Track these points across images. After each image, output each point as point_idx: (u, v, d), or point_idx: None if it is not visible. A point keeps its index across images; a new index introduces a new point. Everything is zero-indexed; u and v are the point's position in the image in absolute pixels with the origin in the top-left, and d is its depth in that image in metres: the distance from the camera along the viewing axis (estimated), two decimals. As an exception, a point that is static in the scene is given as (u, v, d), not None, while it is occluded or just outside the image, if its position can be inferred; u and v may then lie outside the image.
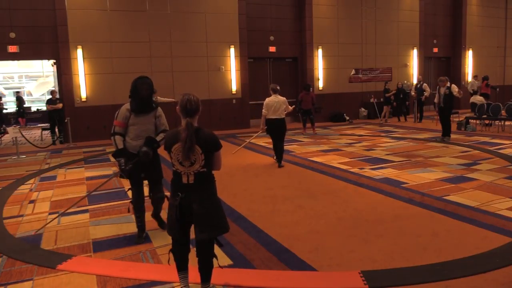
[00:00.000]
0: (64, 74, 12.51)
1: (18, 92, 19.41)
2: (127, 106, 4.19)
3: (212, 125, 14.14)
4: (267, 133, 8.11)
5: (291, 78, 16.30)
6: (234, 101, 14.52)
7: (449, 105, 10.30)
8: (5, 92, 28.33)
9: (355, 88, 16.85)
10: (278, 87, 8.16)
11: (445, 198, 5.48)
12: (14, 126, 10.97)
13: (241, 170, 7.69)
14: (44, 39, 12.32)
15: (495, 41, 20.45)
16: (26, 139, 11.35)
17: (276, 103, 7.87)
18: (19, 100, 17.93)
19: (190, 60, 13.83)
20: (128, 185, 4.47)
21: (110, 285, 3.38)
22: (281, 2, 15.49)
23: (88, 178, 7.46)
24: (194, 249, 3.07)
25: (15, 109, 18.35)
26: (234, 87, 14.51)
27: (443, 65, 19.97)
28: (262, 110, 7.98)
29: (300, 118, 12.94)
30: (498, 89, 18.15)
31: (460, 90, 10.42)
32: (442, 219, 4.68)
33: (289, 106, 8.11)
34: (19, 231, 4.77)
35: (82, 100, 12.64)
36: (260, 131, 8.47)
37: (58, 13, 12.22)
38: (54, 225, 4.95)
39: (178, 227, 2.93)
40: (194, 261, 3.06)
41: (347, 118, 16.18)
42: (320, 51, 15.89)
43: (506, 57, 20.91)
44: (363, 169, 7.46)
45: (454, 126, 11.91)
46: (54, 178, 7.67)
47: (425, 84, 15.19)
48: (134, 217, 4.41)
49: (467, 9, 19.23)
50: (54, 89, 15.62)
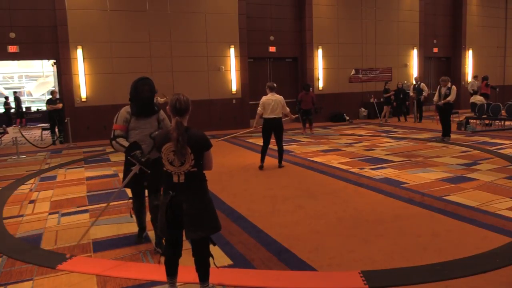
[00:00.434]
0: (64, 74, 12.51)
1: (15, 92, 19.37)
2: (127, 108, 3.97)
3: (212, 125, 14.16)
4: (262, 132, 7.83)
5: (291, 78, 16.30)
6: (234, 101, 14.52)
7: (449, 105, 10.30)
8: (5, 92, 28.33)
9: (355, 88, 16.85)
10: (275, 85, 7.84)
11: (445, 198, 5.48)
12: (14, 126, 10.96)
13: (241, 170, 7.69)
14: (44, 39, 12.32)
15: (495, 41, 20.45)
16: (26, 139, 11.35)
17: (273, 102, 7.60)
18: (17, 100, 17.91)
19: (190, 60, 13.83)
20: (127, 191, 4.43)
21: (110, 285, 3.38)
22: (281, 2, 15.49)
23: (88, 178, 7.46)
24: (192, 249, 3.05)
25: (13, 109, 18.33)
26: (234, 87, 14.51)
27: (443, 65, 19.97)
28: (258, 108, 7.78)
29: (300, 118, 12.94)
30: (498, 89, 18.15)
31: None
32: (442, 219, 4.68)
33: (286, 107, 7.85)
34: (19, 231, 4.77)
35: (82, 100, 12.64)
36: (252, 128, 8.40)
37: (58, 13, 12.22)
38: (54, 225, 4.95)
39: (168, 227, 2.91)
40: (189, 261, 3.06)
41: (347, 118, 16.18)
42: (320, 51, 15.89)
43: (506, 57, 20.92)
44: (363, 169, 7.46)
45: (454, 126, 11.91)
46: (54, 178, 7.67)
47: (423, 84, 15.19)
48: (135, 218, 4.32)
49: (467, 9, 19.23)
50: (54, 89, 15.64)
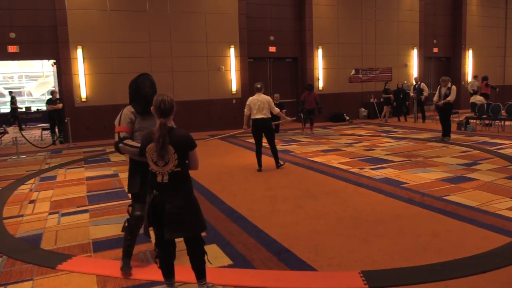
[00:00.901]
0: (64, 74, 12.52)
1: (11, 92, 19.31)
2: (130, 108, 3.63)
3: (212, 125, 14.16)
4: (252, 134, 7.73)
5: (291, 78, 16.31)
6: (234, 101, 14.52)
7: (449, 105, 10.30)
8: (5, 92, 28.33)
9: (355, 88, 16.85)
10: (259, 85, 7.62)
11: (445, 198, 5.48)
12: (14, 126, 10.96)
13: (241, 170, 7.69)
14: (44, 39, 12.32)
15: (495, 41, 20.45)
16: (26, 139, 11.36)
17: (259, 102, 7.46)
18: (13, 100, 17.85)
19: (190, 60, 13.83)
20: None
21: (110, 285, 3.38)
22: (281, 2, 15.50)
23: (88, 178, 7.46)
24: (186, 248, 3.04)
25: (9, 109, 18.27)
26: (234, 87, 14.52)
27: (443, 65, 19.97)
28: (244, 109, 7.69)
29: (301, 117, 12.96)
30: (498, 89, 18.15)
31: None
32: (442, 219, 4.68)
33: (275, 108, 7.61)
34: (19, 231, 4.77)
35: (82, 100, 12.64)
36: (242, 130, 8.34)
37: (58, 13, 12.22)
38: (54, 225, 4.95)
39: (148, 224, 2.91)
40: (186, 261, 3.06)
41: (347, 118, 16.18)
42: (320, 51, 15.90)
43: (506, 57, 20.92)
44: (363, 169, 7.46)
45: (454, 126, 11.91)
46: (54, 178, 7.67)
47: (423, 84, 15.18)
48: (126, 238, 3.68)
49: (467, 9, 19.24)
50: (54, 89, 15.64)
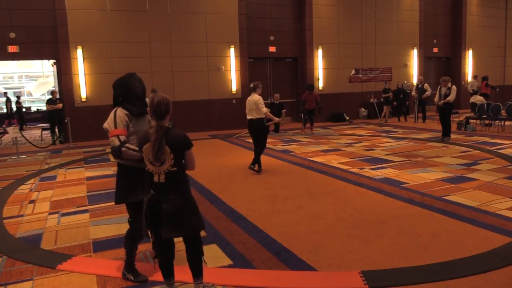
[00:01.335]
0: (64, 74, 12.52)
1: (6, 92, 19.28)
2: (123, 110, 3.35)
3: (212, 125, 14.16)
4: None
5: (291, 78, 16.31)
6: (234, 101, 14.52)
7: (449, 105, 10.29)
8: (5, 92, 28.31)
9: (355, 88, 16.85)
10: (252, 85, 7.42)
11: (445, 198, 5.48)
12: (14, 126, 10.96)
13: (241, 170, 7.68)
14: (44, 39, 12.32)
15: (495, 41, 20.45)
16: (26, 139, 11.36)
17: (250, 103, 7.27)
18: (9, 101, 17.85)
19: (190, 60, 13.84)
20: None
21: (110, 285, 3.38)
22: (281, 2, 15.50)
23: (88, 178, 7.46)
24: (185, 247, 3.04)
25: (4, 110, 18.24)
26: (234, 87, 14.52)
27: (443, 65, 19.97)
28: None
29: (302, 117, 12.96)
30: (498, 89, 18.15)
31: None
32: (442, 219, 4.68)
33: (262, 108, 7.21)
34: (19, 231, 4.76)
35: (82, 100, 12.65)
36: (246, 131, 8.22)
37: (58, 13, 12.22)
38: (54, 225, 4.95)
39: (145, 224, 2.91)
40: (184, 261, 3.06)
41: (347, 118, 16.18)
42: (320, 51, 15.90)
43: (506, 57, 20.92)
44: (363, 169, 7.45)
45: (454, 126, 11.91)
46: (54, 178, 7.67)
47: (426, 84, 15.15)
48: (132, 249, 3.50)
49: (467, 9, 19.24)
50: (54, 89, 15.64)
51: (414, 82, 18.02)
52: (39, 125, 16.71)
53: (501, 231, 4.24)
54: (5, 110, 18.32)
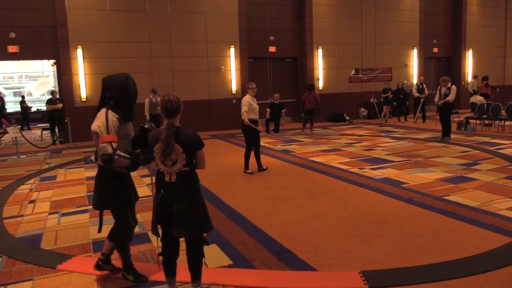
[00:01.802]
0: (64, 74, 12.52)
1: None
2: (114, 114, 3.20)
3: (212, 125, 14.16)
4: None
5: (291, 78, 16.31)
6: (234, 101, 14.52)
7: (449, 105, 10.29)
8: (5, 92, 28.31)
9: (355, 88, 16.85)
10: (245, 86, 7.49)
11: (445, 198, 5.48)
12: (14, 126, 10.96)
13: (241, 170, 7.68)
14: (44, 39, 12.32)
15: (495, 41, 20.45)
16: (26, 139, 11.36)
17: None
18: (1, 100, 17.80)
19: (190, 60, 13.84)
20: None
21: (110, 285, 3.38)
22: (281, 2, 15.50)
23: (88, 178, 7.46)
24: (186, 248, 3.04)
25: None
26: (234, 87, 14.52)
27: (443, 65, 19.98)
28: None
29: (302, 117, 12.94)
30: (498, 89, 18.15)
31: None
32: (442, 219, 4.68)
33: (242, 110, 7.26)
34: (19, 231, 4.77)
35: (82, 100, 12.65)
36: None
37: (58, 13, 12.22)
38: (54, 225, 4.95)
39: (160, 226, 2.91)
40: (184, 261, 3.06)
41: (347, 118, 16.18)
42: (320, 51, 15.90)
43: (506, 57, 20.92)
44: (363, 169, 7.45)
45: (454, 126, 11.91)
46: (54, 178, 7.67)
47: (424, 84, 15.13)
48: (124, 252, 3.48)
49: (467, 9, 19.24)
50: (54, 89, 15.64)
51: (414, 82, 18.02)
52: (39, 125, 16.72)
53: (501, 231, 4.24)
54: (9, 110, 18.28)
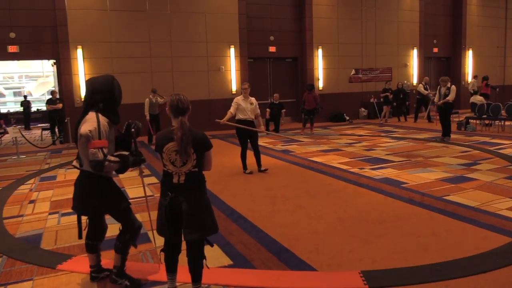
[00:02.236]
0: (64, 74, 12.52)
1: None
2: (104, 118, 3.11)
3: (212, 125, 14.06)
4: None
5: (291, 78, 16.31)
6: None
7: (448, 105, 10.29)
8: (5, 92, 28.30)
9: (355, 88, 16.85)
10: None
11: (445, 198, 5.48)
12: (14, 126, 10.96)
13: (241, 170, 7.68)
14: (44, 39, 12.33)
15: (495, 41, 20.46)
16: (26, 139, 11.36)
17: None
18: None
19: (190, 60, 13.84)
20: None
21: (110, 285, 3.38)
22: (281, 2, 15.50)
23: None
24: (187, 249, 3.04)
25: None
26: (234, 87, 14.51)
27: (443, 65, 19.98)
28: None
29: (302, 117, 12.95)
30: (498, 89, 18.15)
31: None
32: (442, 219, 4.68)
33: (228, 111, 7.48)
34: (19, 231, 4.76)
35: (82, 100, 12.63)
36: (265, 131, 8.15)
37: (58, 13, 12.22)
38: (54, 225, 4.95)
39: (167, 227, 2.91)
40: (184, 261, 3.06)
41: (347, 118, 16.18)
42: (320, 51, 15.90)
43: (506, 57, 20.93)
44: (363, 169, 7.45)
45: (454, 126, 11.91)
46: (54, 178, 7.67)
47: (427, 85, 15.04)
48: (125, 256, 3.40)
49: (467, 9, 19.24)
50: (54, 89, 15.63)
51: (414, 82, 18.02)
52: (39, 125, 16.70)
53: (501, 231, 4.24)
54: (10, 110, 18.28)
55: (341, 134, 12.58)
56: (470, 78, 19.19)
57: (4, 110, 21.23)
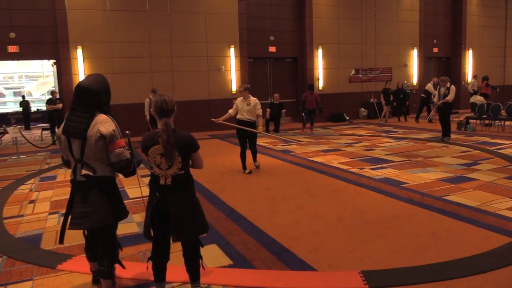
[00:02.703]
0: (64, 74, 12.52)
1: None
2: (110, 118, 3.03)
3: (212, 125, 14.07)
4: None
5: (291, 78, 16.31)
6: (234, 101, 14.49)
7: (448, 105, 10.28)
8: (5, 92, 28.31)
9: (355, 88, 16.85)
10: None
11: (445, 198, 5.48)
12: (14, 126, 10.96)
13: (241, 170, 7.68)
14: (44, 39, 12.33)
15: (495, 41, 20.46)
16: (26, 139, 11.36)
17: None
18: None
19: (190, 60, 13.84)
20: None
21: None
22: (281, 2, 15.50)
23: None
24: (182, 250, 3.02)
25: None
26: (234, 87, 14.51)
27: (443, 65, 19.98)
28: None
29: (303, 117, 12.94)
30: (498, 89, 18.15)
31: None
32: (442, 219, 4.68)
33: (228, 111, 8.01)
34: (19, 231, 4.76)
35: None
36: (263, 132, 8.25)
37: (58, 13, 12.23)
38: (54, 225, 4.95)
39: (153, 229, 2.85)
40: (182, 261, 3.05)
41: (347, 118, 16.18)
42: (320, 51, 15.90)
43: (506, 57, 20.93)
44: (363, 169, 7.45)
45: (454, 126, 11.91)
46: (54, 178, 7.67)
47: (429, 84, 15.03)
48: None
49: (467, 9, 19.24)
50: (54, 89, 15.64)
51: (414, 82, 18.03)
52: (39, 125, 16.70)
53: (501, 231, 4.24)
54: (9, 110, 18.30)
55: (341, 134, 12.58)
56: (470, 78, 19.19)
57: (3, 111, 21.23)
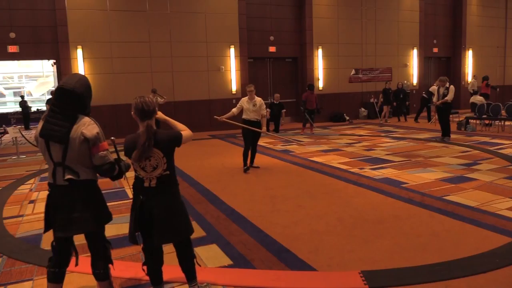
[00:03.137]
0: (64, 74, 12.50)
1: None
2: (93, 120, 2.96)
3: (212, 125, 14.13)
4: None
5: (291, 78, 16.31)
6: (234, 101, 14.48)
7: (447, 105, 10.28)
8: (5, 92, 28.32)
9: (355, 88, 16.85)
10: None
11: (445, 198, 5.48)
12: (14, 126, 10.96)
13: (241, 170, 7.68)
14: (44, 39, 12.33)
15: (495, 41, 20.46)
16: (26, 139, 11.36)
17: None
18: None
19: (190, 60, 13.84)
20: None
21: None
22: (281, 2, 15.50)
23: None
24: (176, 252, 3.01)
25: None
26: (234, 87, 14.52)
27: (443, 65, 19.98)
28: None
29: (305, 117, 12.93)
30: (498, 89, 18.15)
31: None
32: (442, 219, 4.68)
33: (232, 110, 8.11)
34: (19, 231, 4.76)
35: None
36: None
37: (58, 13, 12.23)
38: (54, 225, 4.95)
39: (135, 231, 2.80)
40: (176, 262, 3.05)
41: (347, 118, 16.19)
42: (320, 51, 15.90)
43: (506, 57, 20.93)
44: (363, 169, 7.45)
45: (454, 126, 11.90)
46: (54, 178, 7.66)
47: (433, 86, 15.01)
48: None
49: (467, 9, 19.25)
50: (54, 89, 15.64)
51: (414, 82, 18.03)
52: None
53: (501, 231, 4.24)
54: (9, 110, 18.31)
55: (341, 134, 12.58)
56: (470, 78, 19.19)
57: (3, 111, 21.24)
